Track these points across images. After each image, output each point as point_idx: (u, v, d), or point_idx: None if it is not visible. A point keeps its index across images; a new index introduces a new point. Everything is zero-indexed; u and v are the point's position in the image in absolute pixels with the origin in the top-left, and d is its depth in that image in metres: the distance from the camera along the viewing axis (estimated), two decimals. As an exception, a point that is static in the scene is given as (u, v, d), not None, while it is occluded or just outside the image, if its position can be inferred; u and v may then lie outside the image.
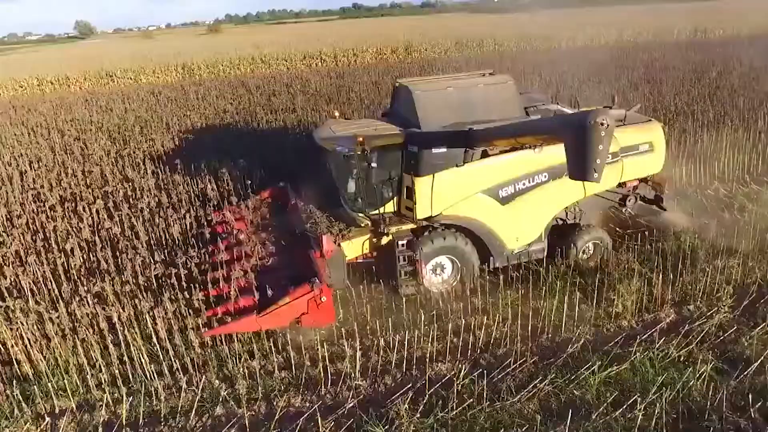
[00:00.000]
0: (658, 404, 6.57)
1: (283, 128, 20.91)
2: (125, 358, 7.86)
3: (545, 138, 7.96)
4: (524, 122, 8.64)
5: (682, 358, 7.49)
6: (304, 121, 21.64)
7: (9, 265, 10.24)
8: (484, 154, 8.95)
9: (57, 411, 7.34)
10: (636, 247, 10.14)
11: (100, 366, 7.80)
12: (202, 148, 17.55)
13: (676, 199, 11.62)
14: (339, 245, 9.19)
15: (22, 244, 11.27)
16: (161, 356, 7.85)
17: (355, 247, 9.47)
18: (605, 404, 6.73)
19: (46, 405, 7.38)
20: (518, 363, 7.52)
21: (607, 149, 6.47)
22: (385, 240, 9.40)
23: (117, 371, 7.71)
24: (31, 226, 12.32)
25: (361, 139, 8.60)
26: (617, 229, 11.19)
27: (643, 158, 10.21)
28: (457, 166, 8.84)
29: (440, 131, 8.84)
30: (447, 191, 9.08)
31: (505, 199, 9.38)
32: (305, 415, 6.84)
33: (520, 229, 9.68)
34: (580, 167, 6.47)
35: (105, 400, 7.32)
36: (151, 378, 7.60)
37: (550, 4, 67.55)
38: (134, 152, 18.09)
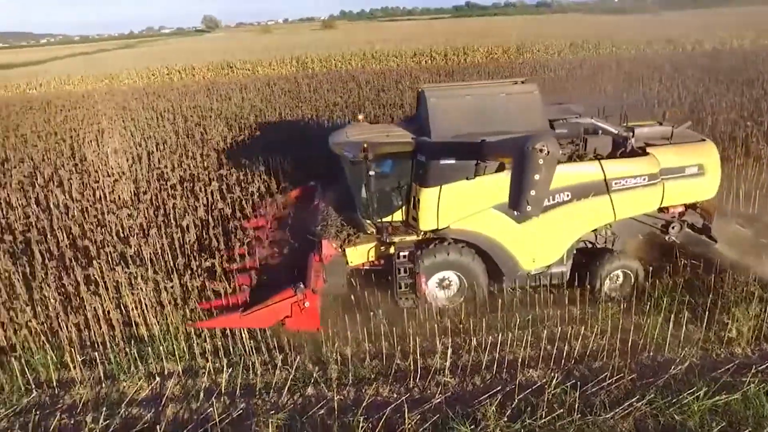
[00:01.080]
0: (771, 441, 6.05)
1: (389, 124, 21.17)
2: (227, 331, 8.36)
3: (502, 159, 7.72)
4: (485, 141, 7.94)
5: (804, 395, 6.83)
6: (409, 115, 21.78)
7: (134, 236, 11.17)
8: (501, 168, 8.32)
9: (166, 372, 7.97)
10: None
11: (205, 336, 8.38)
12: (310, 139, 18.20)
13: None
14: (342, 251, 9.22)
15: (146, 218, 12.30)
16: (259, 334, 8.28)
17: (360, 254, 9.35)
18: (710, 433, 6.28)
19: (157, 366, 8.04)
20: (614, 378, 7.18)
21: (547, 180, 5.99)
22: (392, 249, 9.19)
23: (220, 343, 8.20)
24: (154, 202, 13.41)
25: (365, 145, 8.47)
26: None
27: (690, 182, 9.05)
28: (467, 178, 8.44)
29: (439, 141, 8.53)
30: (455, 204, 8.70)
31: (521, 216, 8.56)
32: (392, 406, 6.94)
33: (537, 250, 9.07)
34: (513, 195, 5.96)
35: (207, 369, 7.82)
36: (249, 353, 8.03)
37: (674, 4, 63.24)
38: (248, 139, 19.12)
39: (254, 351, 8.05)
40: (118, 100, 32.94)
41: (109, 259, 10.38)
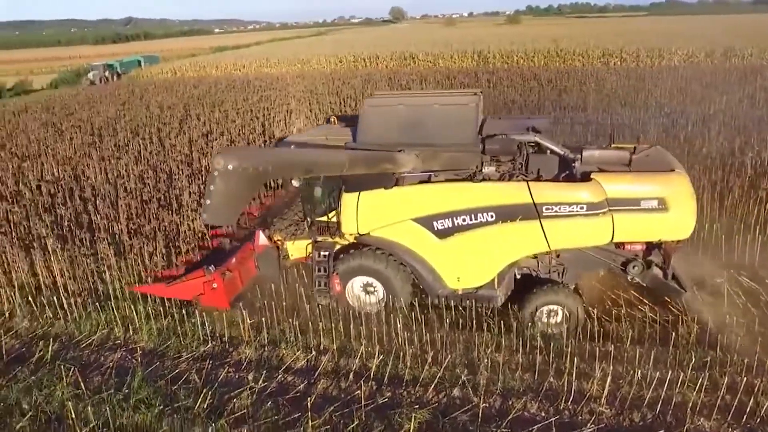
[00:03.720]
0: None
1: (569, 127, 20.20)
2: (383, 319, 8.57)
3: None
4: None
5: None
6: (593, 120, 20.62)
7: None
8: (428, 180, 8.24)
9: (321, 348, 8.38)
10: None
11: (361, 320, 8.68)
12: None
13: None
14: (276, 243, 9.59)
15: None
16: (414, 326, 8.38)
17: (299, 249, 9.56)
18: None
19: (314, 340, 8.49)
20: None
21: (225, 193, 6.20)
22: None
23: (375, 329, 8.44)
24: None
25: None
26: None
27: (647, 217, 7.71)
28: (385, 188, 8.27)
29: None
30: (373, 212, 8.55)
31: (442, 232, 8.32)
32: (539, 425, 6.60)
33: (462, 270, 8.54)
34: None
35: (360, 352, 8.09)
36: (401, 344, 8.15)
37: None
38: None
39: (407, 342, 8.15)
40: (307, 83, 35.41)
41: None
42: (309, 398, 6.98)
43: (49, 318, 9.47)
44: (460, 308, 8.83)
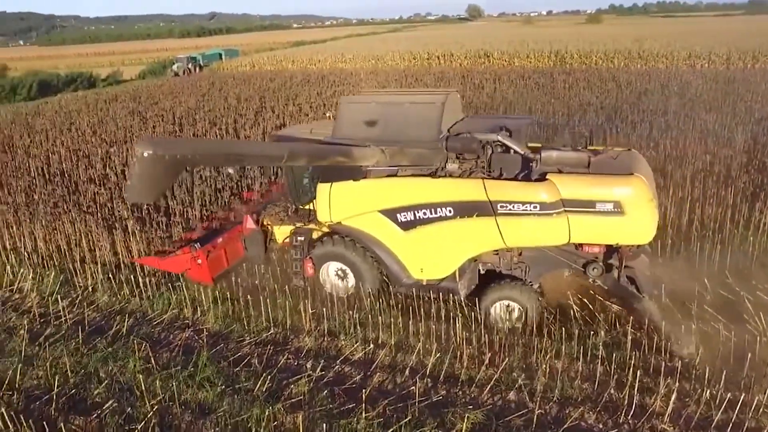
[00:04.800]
0: None
1: (647, 131, 19.38)
2: (443, 316, 8.56)
3: None
4: None
5: None
6: (673, 125, 19.68)
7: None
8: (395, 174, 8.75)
9: (380, 341, 8.47)
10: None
11: (420, 317, 8.70)
12: (554, 137, 17.55)
13: None
14: (263, 226, 10.27)
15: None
16: (473, 326, 8.33)
17: (285, 233, 10.04)
18: None
19: (373, 334, 8.59)
20: None
21: (138, 175, 6.48)
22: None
23: (433, 327, 8.46)
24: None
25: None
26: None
27: (602, 220, 7.70)
28: (354, 179, 8.78)
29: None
30: (343, 202, 9.08)
31: (405, 225, 8.77)
32: (597, 437, 6.43)
33: (424, 261, 8.96)
34: None
35: (418, 348, 8.12)
36: (459, 343, 8.12)
37: None
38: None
39: (465, 342, 8.11)
40: (380, 79, 35.68)
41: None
42: (364, 390, 7.10)
43: (126, 295, 10.06)
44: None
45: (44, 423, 6.70)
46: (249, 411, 6.94)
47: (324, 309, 9.03)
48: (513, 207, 7.97)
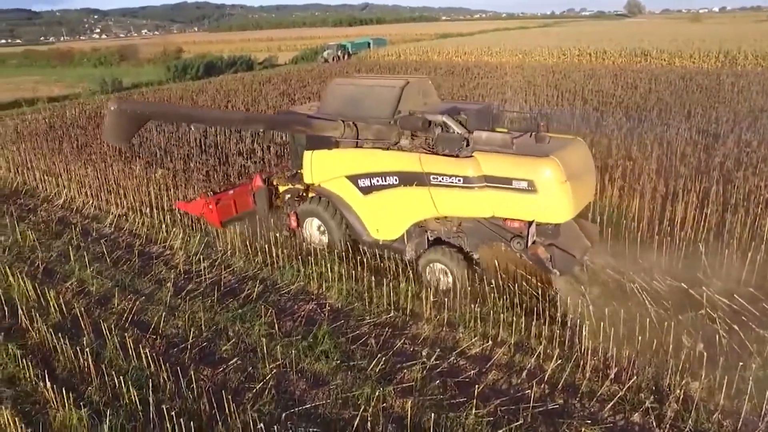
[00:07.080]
0: None
1: None
2: (569, 324, 8.10)
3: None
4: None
5: None
6: None
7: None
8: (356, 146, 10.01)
9: (499, 339, 8.20)
10: None
11: (545, 319, 8.22)
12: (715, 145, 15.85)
13: None
14: (270, 185, 11.76)
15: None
16: (600, 336, 7.71)
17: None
18: None
19: (492, 330, 8.34)
20: None
21: (109, 122, 8.24)
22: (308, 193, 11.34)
23: (557, 331, 8.00)
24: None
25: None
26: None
27: (518, 197, 8.40)
28: (329, 149, 10.18)
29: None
30: (320, 168, 10.53)
31: (364, 190, 10.04)
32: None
33: (379, 223, 10.21)
34: None
35: (538, 352, 7.73)
36: (584, 353, 7.57)
37: None
38: (646, 132, 17.79)
39: (590, 353, 7.58)
40: (526, 74, 34.60)
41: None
42: (477, 386, 6.89)
43: (259, 263, 10.67)
44: (654, 322, 7.88)
45: (178, 368, 7.29)
46: (360, 389, 7.04)
47: (446, 299, 8.90)
48: (442, 179, 8.92)
